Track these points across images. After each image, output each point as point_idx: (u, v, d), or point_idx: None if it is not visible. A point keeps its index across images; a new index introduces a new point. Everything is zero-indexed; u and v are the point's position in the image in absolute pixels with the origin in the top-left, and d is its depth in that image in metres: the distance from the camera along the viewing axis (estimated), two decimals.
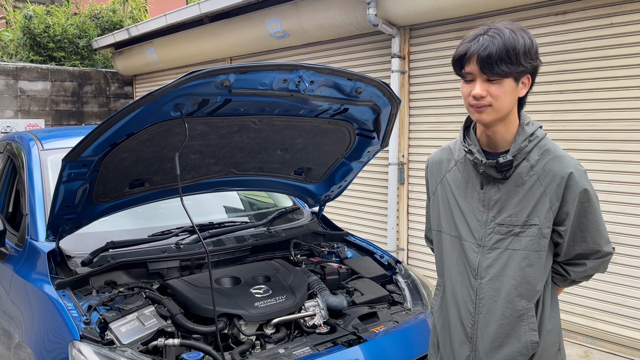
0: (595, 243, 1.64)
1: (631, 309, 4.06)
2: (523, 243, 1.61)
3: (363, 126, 2.61)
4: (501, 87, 1.54)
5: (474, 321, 1.68)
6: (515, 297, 1.62)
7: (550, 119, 4.41)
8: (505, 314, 1.63)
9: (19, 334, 2.38)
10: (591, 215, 1.62)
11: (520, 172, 1.62)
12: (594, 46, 4.12)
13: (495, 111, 1.57)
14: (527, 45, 1.53)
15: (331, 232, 3.25)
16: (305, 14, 5.98)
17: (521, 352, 1.63)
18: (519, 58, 1.52)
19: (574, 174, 1.58)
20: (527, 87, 1.60)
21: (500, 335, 1.64)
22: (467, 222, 1.70)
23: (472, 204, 1.69)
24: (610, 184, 4.11)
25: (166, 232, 2.73)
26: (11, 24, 11.80)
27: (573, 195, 1.58)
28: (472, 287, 1.68)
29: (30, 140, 3.22)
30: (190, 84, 1.88)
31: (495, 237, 1.65)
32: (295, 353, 2.13)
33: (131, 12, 12.26)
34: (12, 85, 9.47)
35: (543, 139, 1.64)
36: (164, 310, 2.22)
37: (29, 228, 2.69)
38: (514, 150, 1.61)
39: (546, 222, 1.60)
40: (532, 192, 1.61)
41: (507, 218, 1.63)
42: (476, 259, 1.67)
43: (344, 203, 6.17)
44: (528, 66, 1.54)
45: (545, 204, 1.59)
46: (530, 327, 1.63)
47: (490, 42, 1.51)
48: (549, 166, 1.60)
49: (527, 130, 1.62)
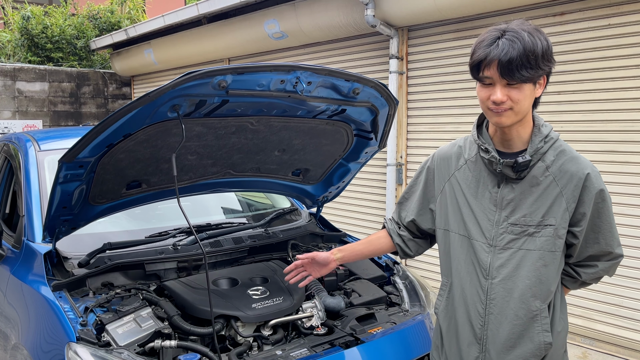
0: (607, 244, 1.66)
1: (629, 310, 4.06)
2: (538, 243, 1.61)
3: (361, 127, 2.61)
4: (521, 91, 1.54)
5: (484, 322, 1.67)
6: (529, 298, 1.61)
7: (548, 119, 4.40)
8: (519, 314, 1.62)
9: (15, 336, 2.37)
10: (605, 216, 1.63)
11: (536, 172, 1.62)
12: (592, 47, 4.13)
13: (515, 114, 1.57)
14: (544, 48, 1.52)
15: (329, 233, 3.24)
16: (304, 15, 5.98)
17: (534, 354, 1.63)
18: (538, 62, 1.51)
19: (591, 175, 1.60)
20: (543, 87, 1.60)
21: (513, 336, 1.63)
22: (477, 221, 1.69)
23: (484, 203, 1.68)
24: (608, 185, 4.09)
25: (163, 233, 2.72)
26: (9, 25, 11.78)
27: (590, 196, 1.60)
28: (482, 287, 1.67)
29: (28, 141, 3.21)
30: (187, 85, 1.87)
31: (508, 237, 1.64)
32: (292, 354, 2.12)
33: (129, 13, 12.26)
34: (10, 86, 9.46)
35: (557, 140, 1.65)
36: (161, 311, 2.21)
37: (25, 229, 2.68)
38: (532, 151, 1.61)
39: (562, 223, 1.61)
40: (548, 192, 1.61)
41: (521, 218, 1.62)
42: (487, 258, 1.66)
43: (342, 204, 6.17)
44: (546, 69, 1.55)
45: (562, 205, 1.60)
46: (544, 327, 1.62)
47: (510, 46, 1.49)
48: (566, 167, 1.61)
49: (543, 132, 1.63)
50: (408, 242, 1.97)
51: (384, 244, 2.04)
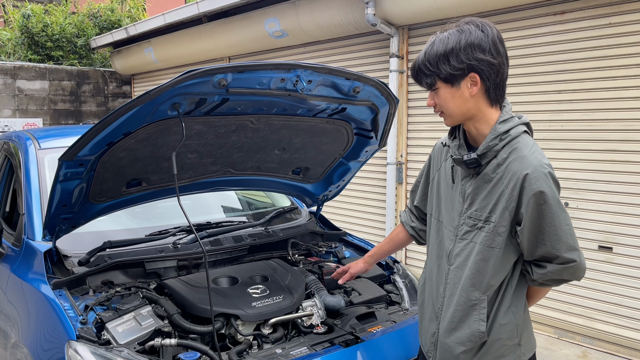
0: (553, 247, 1.59)
1: (629, 309, 4.06)
2: (481, 238, 1.66)
3: (361, 126, 2.61)
4: (440, 95, 1.64)
5: (441, 303, 1.79)
6: (469, 287, 1.69)
7: (548, 119, 4.41)
8: (460, 301, 1.71)
9: (15, 334, 2.37)
10: (548, 218, 1.57)
11: (489, 169, 1.65)
12: (592, 46, 4.12)
13: (449, 116, 1.67)
14: (448, 49, 1.57)
15: (329, 232, 3.24)
16: (304, 14, 5.98)
17: (469, 339, 1.70)
18: (437, 65, 1.59)
19: (530, 176, 1.56)
20: (478, 84, 1.59)
21: (455, 319, 1.73)
22: (449, 210, 1.78)
23: (455, 194, 1.77)
24: (608, 184, 4.12)
25: (163, 231, 2.72)
26: (9, 23, 11.78)
27: (527, 197, 1.57)
28: (444, 271, 1.78)
29: (28, 139, 3.21)
30: (187, 83, 1.87)
31: (465, 228, 1.72)
32: (292, 353, 2.12)
33: (129, 12, 12.25)
34: (10, 84, 9.46)
35: (517, 138, 1.63)
36: (161, 310, 2.21)
37: (25, 227, 2.68)
38: (482, 149, 1.63)
39: (502, 221, 1.62)
40: (495, 190, 1.64)
41: (474, 212, 1.69)
42: (450, 246, 1.77)
43: (342, 203, 6.17)
44: (450, 70, 1.57)
45: (502, 203, 1.62)
46: (481, 317, 1.68)
47: (421, 53, 1.64)
48: (511, 166, 1.60)
49: (498, 129, 1.62)
50: (420, 232, 2.09)
51: (403, 238, 2.19)
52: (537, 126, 4.50)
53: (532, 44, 4.47)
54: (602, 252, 4.18)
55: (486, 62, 1.57)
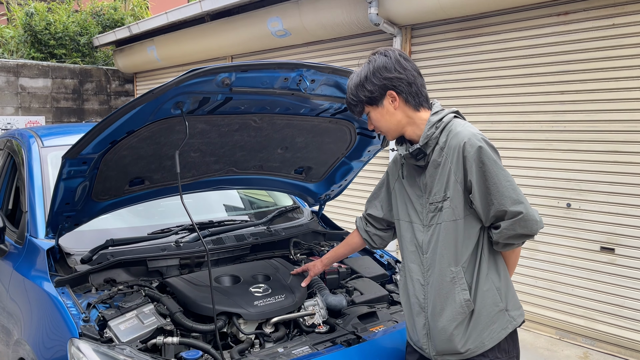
0: (500, 204, 1.74)
1: (630, 310, 4.06)
2: (444, 215, 1.83)
3: (364, 125, 2.61)
4: (372, 118, 1.92)
5: (425, 293, 1.90)
6: (445, 265, 1.83)
7: (552, 119, 4.41)
8: (441, 280, 1.84)
9: (18, 331, 2.38)
10: (490, 178, 1.74)
11: (435, 155, 1.84)
12: (596, 47, 4.12)
13: (387, 132, 1.93)
14: (355, 83, 1.87)
15: (331, 232, 3.25)
16: (307, 13, 5.98)
17: (459, 312, 1.81)
18: (358, 94, 1.87)
19: (467, 143, 1.75)
20: (397, 98, 1.83)
21: (441, 300, 1.84)
22: (414, 207, 1.95)
23: (415, 190, 1.94)
24: (610, 185, 4.11)
25: (166, 230, 2.72)
26: (12, 21, 11.80)
27: (469, 163, 1.75)
28: (422, 262, 1.91)
29: (31, 137, 3.21)
30: (190, 82, 1.87)
31: (429, 215, 1.88)
32: (294, 352, 2.12)
33: (132, 10, 12.27)
34: (13, 82, 9.48)
35: (450, 122, 1.83)
36: (163, 308, 2.21)
37: (28, 225, 2.68)
38: (423, 139, 1.84)
39: (455, 194, 1.80)
40: (444, 169, 1.82)
41: (433, 197, 1.86)
42: (421, 237, 1.91)
43: (344, 202, 6.17)
44: (368, 94, 1.85)
45: (452, 178, 1.80)
46: (462, 287, 1.82)
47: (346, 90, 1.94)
48: (451, 143, 1.80)
49: (432, 119, 1.83)
50: (373, 236, 2.27)
51: (357, 242, 2.39)
52: (540, 127, 4.49)
53: (535, 45, 4.47)
54: (604, 253, 4.17)
55: (395, 78, 1.82)
